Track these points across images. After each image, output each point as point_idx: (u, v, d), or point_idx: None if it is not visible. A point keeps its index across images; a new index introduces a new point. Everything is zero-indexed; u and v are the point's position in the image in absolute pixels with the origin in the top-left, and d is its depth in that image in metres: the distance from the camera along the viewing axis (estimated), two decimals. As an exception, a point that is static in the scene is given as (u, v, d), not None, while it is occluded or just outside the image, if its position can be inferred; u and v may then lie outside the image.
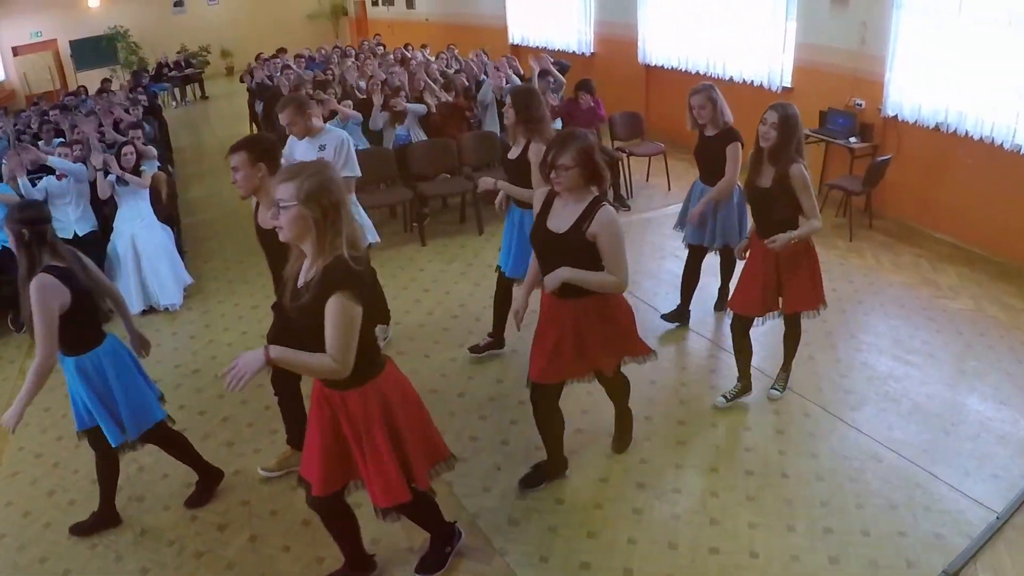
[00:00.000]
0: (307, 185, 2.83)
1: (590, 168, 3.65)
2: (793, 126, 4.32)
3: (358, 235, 2.98)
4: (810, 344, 5.63)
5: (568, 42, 13.67)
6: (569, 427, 4.40)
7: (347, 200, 2.96)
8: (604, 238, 3.65)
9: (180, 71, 20.81)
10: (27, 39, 23.33)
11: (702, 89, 5.52)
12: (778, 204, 4.42)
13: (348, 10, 25.92)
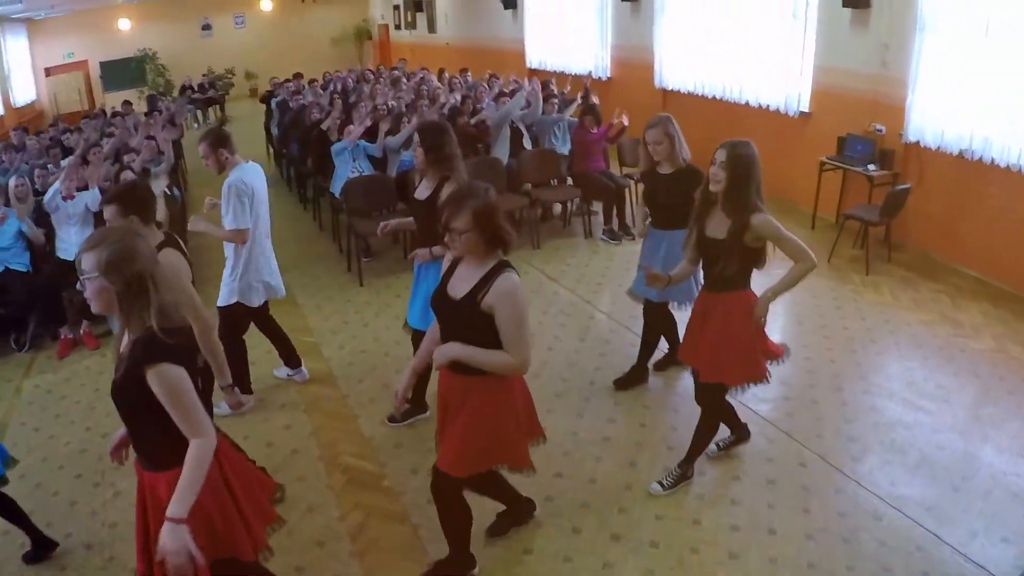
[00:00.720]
0: (106, 255, 2.60)
1: (489, 231, 3.14)
2: (746, 166, 3.76)
3: (170, 305, 2.68)
4: (815, 386, 5.26)
5: (585, 66, 13.41)
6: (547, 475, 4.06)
7: (155, 268, 2.69)
8: (501, 310, 3.12)
9: (203, 93, 20.85)
10: (60, 60, 23.73)
11: (658, 122, 4.94)
12: (732, 259, 3.87)
13: (372, 34, 25.94)
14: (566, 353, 6.10)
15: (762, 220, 3.78)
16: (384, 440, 5.12)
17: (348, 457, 4.99)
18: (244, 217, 5.18)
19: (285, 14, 25.93)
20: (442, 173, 4.62)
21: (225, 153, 5.24)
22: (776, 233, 3.80)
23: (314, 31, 25.58)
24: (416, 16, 21.65)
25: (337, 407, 5.63)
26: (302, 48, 24.70)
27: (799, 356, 5.71)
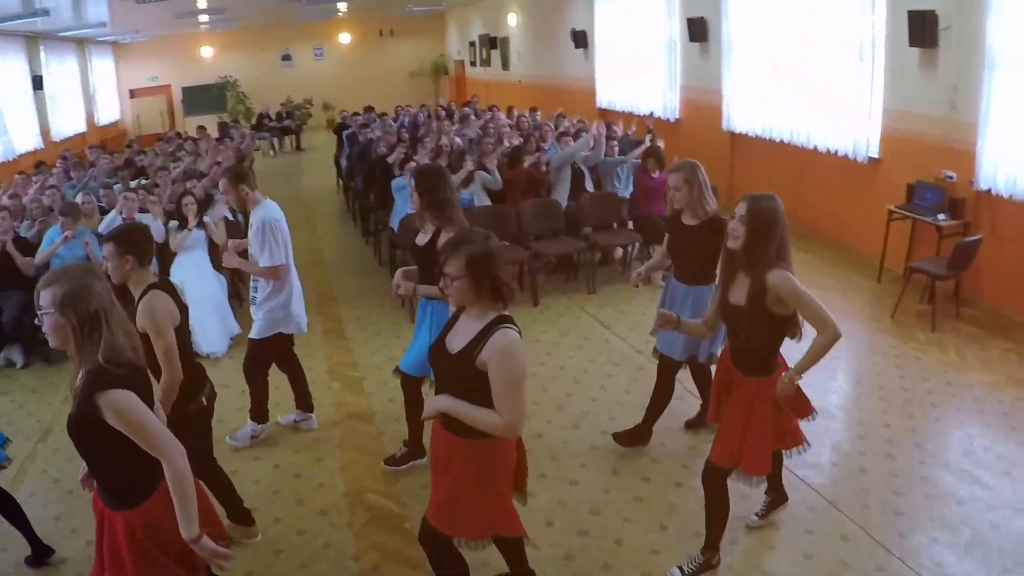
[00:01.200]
0: (62, 292, 2.64)
1: (483, 281, 3.00)
2: (768, 222, 3.45)
3: (120, 343, 2.69)
4: (864, 453, 4.97)
5: (653, 107, 13.25)
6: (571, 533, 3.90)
7: (110, 307, 2.71)
8: (494, 368, 2.95)
9: (279, 122, 21.31)
10: (144, 83, 24.70)
11: (681, 167, 4.71)
12: (757, 331, 3.56)
13: (449, 69, 26.25)
14: (609, 406, 5.91)
15: (779, 276, 3.43)
16: (412, 482, 5.02)
17: (373, 495, 4.93)
18: (279, 253, 5.21)
19: (363, 47, 26.47)
20: (437, 219, 4.56)
21: (245, 189, 5.26)
22: (794, 291, 3.44)
23: (392, 65, 26.02)
24: (490, 53, 21.82)
25: (371, 444, 5.57)
26: (379, 81, 25.14)
27: (851, 419, 5.46)
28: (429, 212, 4.57)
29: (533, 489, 4.75)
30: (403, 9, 22.69)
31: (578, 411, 5.86)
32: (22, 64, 17.34)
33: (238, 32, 24.36)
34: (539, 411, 5.89)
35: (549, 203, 8.86)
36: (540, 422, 5.71)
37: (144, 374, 2.83)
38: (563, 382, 6.39)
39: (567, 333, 7.45)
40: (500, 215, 8.57)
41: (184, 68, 25.21)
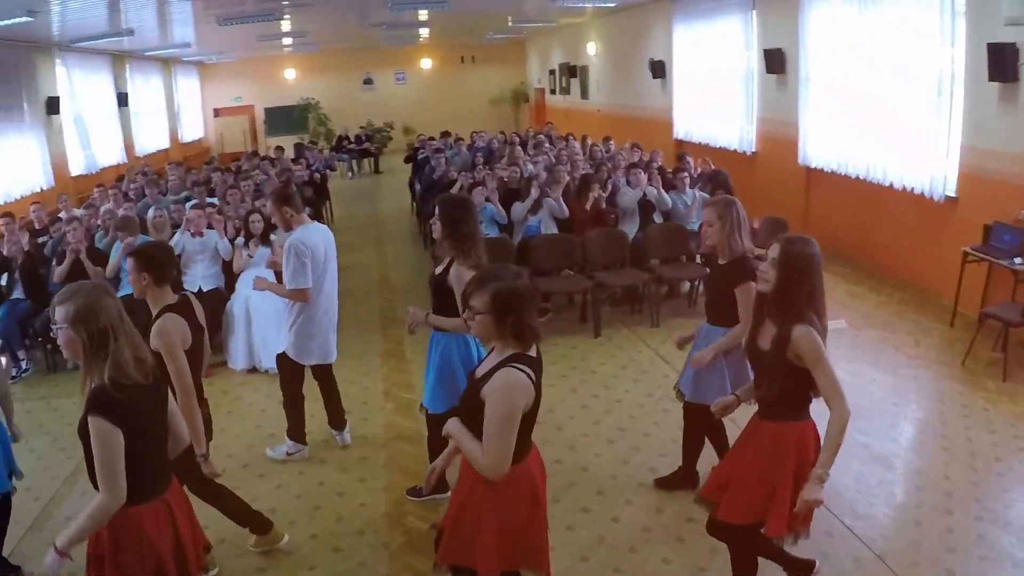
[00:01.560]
0: (74, 309, 2.83)
1: (506, 319, 2.95)
2: (801, 268, 3.28)
3: (126, 359, 2.87)
4: (921, 506, 4.78)
5: (730, 139, 13.10)
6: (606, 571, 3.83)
7: (118, 323, 2.88)
8: (487, 406, 2.91)
9: (359, 144, 21.71)
10: (228, 103, 25.53)
11: (716, 202, 4.52)
12: (779, 379, 3.37)
13: (529, 97, 26.41)
14: (662, 442, 5.82)
15: (803, 333, 3.24)
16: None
17: (413, 518, 4.97)
18: (303, 277, 5.28)
19: (445, 73, 26.84)
20: (453, 250, 4.53)
21: (289, 211, 5.39)
22: (814, 355, 3.23)
23: (472, 91, 26.32)
24: (570, 82, 21.87)
25: (417, 467, 5.59)
26: (460, 106, 25.45)
27: (910, 469, 5.27)
28: (448, 242, 4.55)
29: (574, 523, 4.75)
30: (484, 36, 22.94)
31: (629, 446, 5.80)
32: (108, 81, 18.01)
33: (321, 55, 24.95)
34: (589, 444, 5.85)
35: (616, 233, 8.81)
36: (589, 455, 5.68)
37: (149, 390, 2.98)
38: (617, 416, 6.33)
39: (626, 366, 7.38)
40: (565, 243, 8.60)
41: (267, 89, 25.98)
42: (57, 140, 15.03)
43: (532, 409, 2.98)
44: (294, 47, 22.49)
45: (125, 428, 2.82)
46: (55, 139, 14.91)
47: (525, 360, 2.98)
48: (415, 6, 13.79)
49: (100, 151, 16.99)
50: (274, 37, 17.98)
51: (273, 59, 25.30)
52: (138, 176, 12.56)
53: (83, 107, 16.28)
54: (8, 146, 13.10)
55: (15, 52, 13.37)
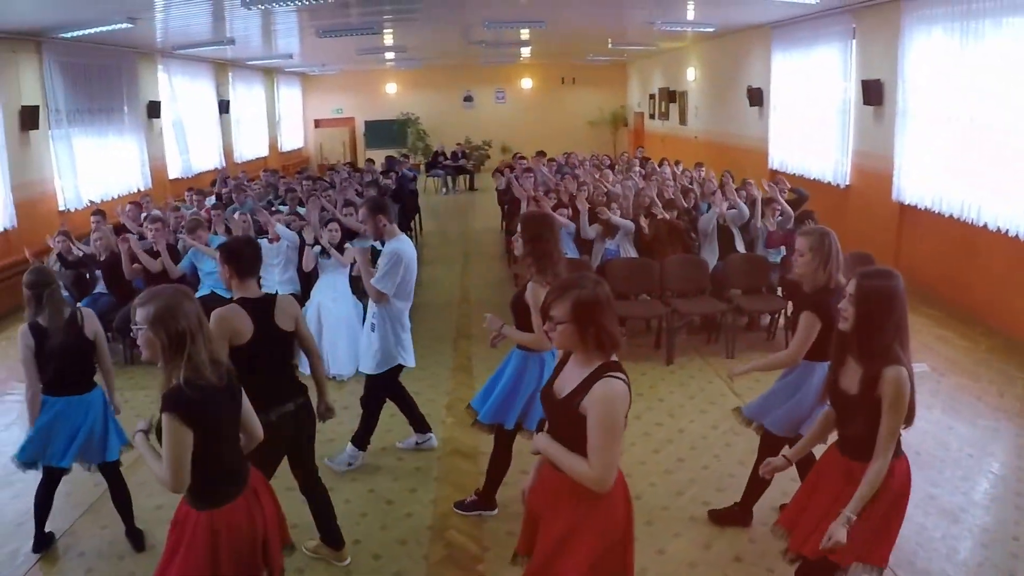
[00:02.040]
0: (154, 310, 2.95)
1: (588, 327, 2.94)
2: (881, 304, 3.16)
3: (202, 362, 2.99)
4: (982, 564, 4.55)
5: (824, 171, 12.79)
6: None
7: (197, 328, 3.00)
8: (591, 417, 2.87)
9: (455, 161, 21.99)
10: (329, 114, 26.30)
11: (812, 232, 4.43)
12: (871, 421, 3.23)
13: (628, 120, 26.33)
14: (719, 476, 5.70)
15: (894, 375, 3.12)
16: (498, 524, 5.06)
17: (456, 533, 5.00)
18: (389, 282, 5.43)
19: (545, 93, 26.98)
20: (532, 267, 4.53)
21: (383, 220, 5.51)
22: (894, 398, 3.13)
23: (572, 112, 26.37)
24: (669, 107, 21.71)
25: (467, 481, 5.64)
26: (559, 127, 25.52)
27: (977, 525, 5.00)
28: (528, 259, 4.56)
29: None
30: (585, 57, 23.00)
31: (686, 478, 5.68)
32: (210, 88, 18.70)
33: (422, 71, 25.41)
34: (645, 472, 5.77)
35: (695, 260, 8.71)
36: (643, 484, 5.58)
37: (224, 392, 3.10)
38: (678, 446, 6.23)
39: (694, 396, 7.26)
40: (643, 268, 8.53)
41: (368, 102, 26.60)
42: (156, 143, 15.73)
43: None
44: (396, 62, 22.94)
45: (198, 429, 2.95)
46: (154, 142, 15.60)
47: (618, 368, 2.98)
48: (512, 25, 13.93)
49: (198, 156, 17.66)
50: (375, 51, 18.34)
51: (375, 73, 25.87)
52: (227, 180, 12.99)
53: (183, 112, 16.94)
54: (108, 147, 13.75)
55: (118, 56, 14.01)
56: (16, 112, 11.27)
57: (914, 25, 9.95)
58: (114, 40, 13.06)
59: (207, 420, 2.98)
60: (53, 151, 12.29)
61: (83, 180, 12.90)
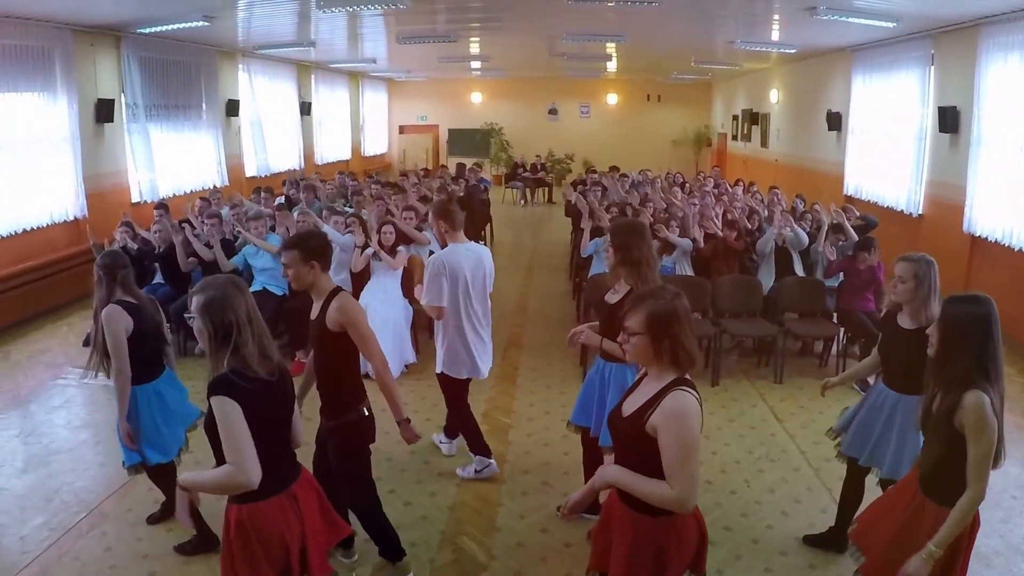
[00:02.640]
0: (204, 300, 3.00)
1: (663, 340, 2.86)
2: (964, 330, 3.10)
3: (250, 354, 3.00)
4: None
5: (898, 199, 12.51)
6: None
7: (245, 321, 3.03)
8: (664, 435, 2.79)
9: (534, 173, 22.12)
10: (414, 121, 26.84)
11: (915, 259, 4.17)
12: (935, 448, 3.24)
13: (712, 141, 26.08)
14: (745, 502, 5.65)
15: (973, 401, 3.03)
16: (509, 535, 5.11)
17: (467, 539, 5.06)
18: (436, 295, 5.35)
19: (630, 109, 26.92)
20: (632, 277, 4.45)
21: (444, 225, 5.50)
22: (977, 424, 3.03)
23: (656, 130, 26.25)
24: (751, 128, 21.45)
25: (488, 490, 5.70)
26: (642, 144, 25.41)
27: (1010, 570, 4.84)
28: (624, 269, 4.48)
29: None
30: (670, 75, 22.89)
31: (711, 501, 5.60)
32: (291, 89, 19.00)
33: (508, 82, 25.62)
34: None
35: (748, 281, 8.63)
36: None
37: (274, 388, 3.10)
38: (709, 468, 6.15)
39: (735, 419, 7.19)
40: (696, 286, 8.41)
41: (453, 111, 26.93)
42: (234, 141, 16.05)
43: None
44: (482, 71, 23.16)
45: (244, 410, 2.93)
46: (232, 140, 15.93)
47: (690, 384, 2.91)
48: (592, 38, 13.98)
49: (277, 156, 17.92)
50: (457, 60, 18.50)
51: (461, 81, 26.18)
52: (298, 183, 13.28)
53: (262, 112, 17.22)
54: (184, 142, 14.08)
55: (198, 54, 14.31)
56: (92, 104, 11.52)
57: (991, 51, 9.69)
58: (194, 37, 13.38)
59: (252, 409, 2.95)
60: (128, 144, 12.58)
61: (158, 174, 13.21)
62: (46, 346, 9.12)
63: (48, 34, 10.38)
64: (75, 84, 10.96)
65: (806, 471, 6.16)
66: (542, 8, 11.18)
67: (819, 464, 6.23)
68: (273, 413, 3.12)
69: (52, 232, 10.87)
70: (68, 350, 8.90)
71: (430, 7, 11.40)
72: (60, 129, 10.84)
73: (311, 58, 18.51)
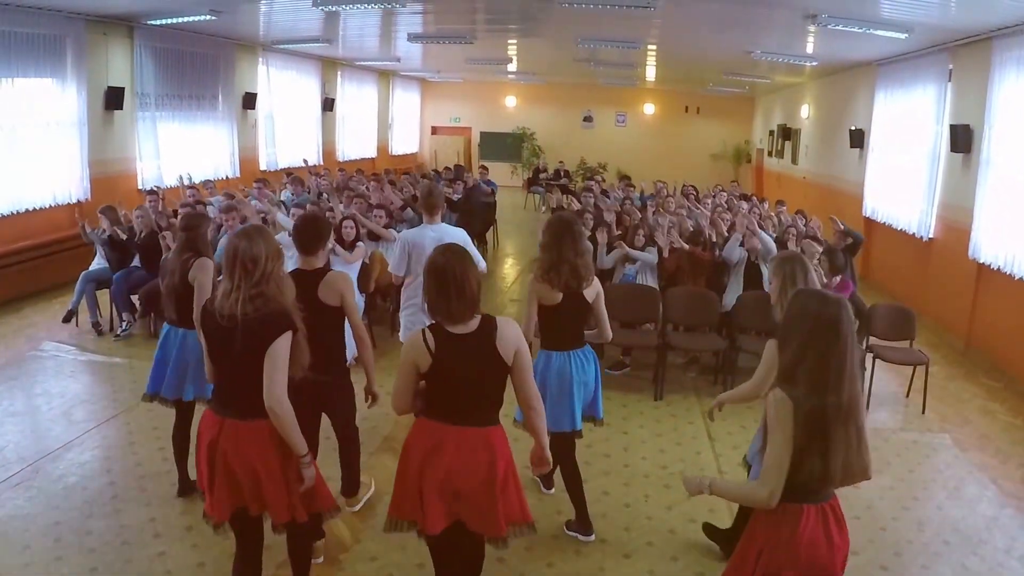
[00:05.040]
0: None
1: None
2: (793, 326, 2.99)
3: (221, 296, 3.45)
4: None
5: (910, 222, 11.76)
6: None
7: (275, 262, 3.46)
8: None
9: (556, 179, 21.77)
10: (446, 122, 26.68)
11: (777, 257, 4.50)
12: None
13: (751, 156, 25.29)
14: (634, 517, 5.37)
15: (771, 399, 2.96)
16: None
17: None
18: (395, 265, 6.05)
19: (667, 120, 26.26)
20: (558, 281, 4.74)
21: (421, 210, 6.42)
22: (770, 425, 2.97)
23: (694, 143, 25.53)
24: (784, 144, 20.65)
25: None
26: (679, 157, 24.72)
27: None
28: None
29: None
30: (707, 87, 22.19)
31: (598, 511, 5.30)
32: (314, 85, 18.86)
33: (543, 87, 25.23)
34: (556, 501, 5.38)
35: (701, 293, 8.18)
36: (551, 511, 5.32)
37: (225, 327, 3.40)
38: (610, 480, 5.87)
39: (662, 434, 6.79)
40: (642, 295, 8.15)
41: (486, 113, 26.66)
42: (249, 134, 16.02)
43: None
44: (516, 75, 22.82)
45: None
46: (247, 133, 15.89)
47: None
48: (607, 44, 13.51)
49: (292, 151, 17.75)
50: (484, 62, 18.19)
51: (495, 84, 25.87)
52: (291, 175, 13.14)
53: (279, 106, 17.15)
54: (196, 133, 14.09)
55: (215, 46, 14.32)
56: (102, 92, 11.67)
57: (1005, 65, 8.95)
58: (210, 30, 13.37)
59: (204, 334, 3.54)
60: (137, 132, 12.66)
61: (165, 163, 13.22)
62: (33, 321, 9.40)
63: (61, 23, 10.65)
64: (85, 71, 11.17)
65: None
66: (547, 10, 10.91)
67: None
68: (216, 342, 3.50)
69: (54, 213, 11.10)
70: (51, 325, 9.18)
71: (440, 7, 11.39)
72: (69, 115, 11.10)
73: (337, 55, 18.43)
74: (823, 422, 2.84)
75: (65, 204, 11.18)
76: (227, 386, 3.50)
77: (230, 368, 3.44)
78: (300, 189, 11.31)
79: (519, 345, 3.41)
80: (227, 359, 3.41)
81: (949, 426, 7.31)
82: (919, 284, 11.34)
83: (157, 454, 5.91)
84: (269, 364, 3.32)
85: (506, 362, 3.36)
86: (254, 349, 3.32)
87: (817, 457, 2.86)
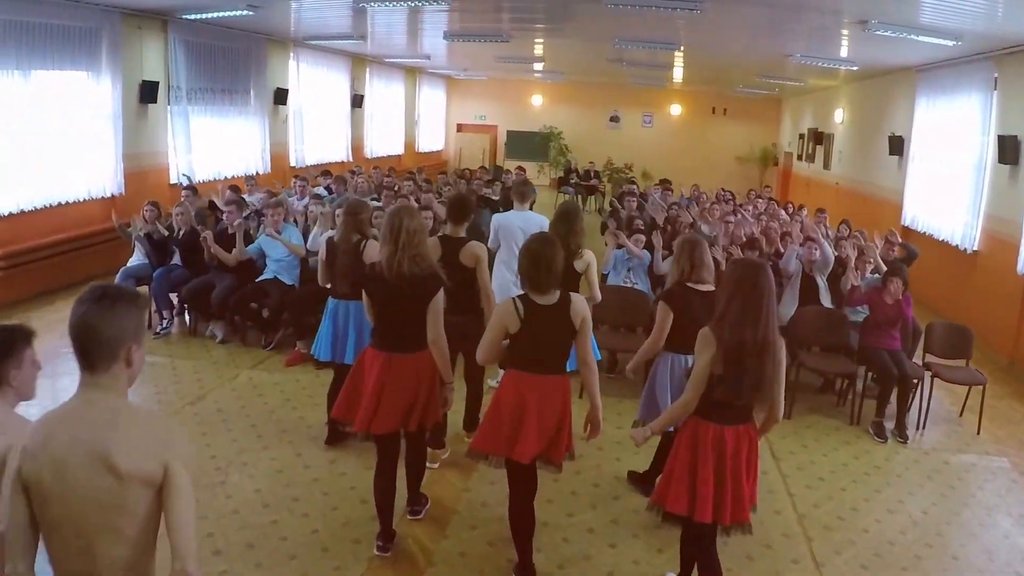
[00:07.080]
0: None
1: None
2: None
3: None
4: None
5: (953, 233, 11.57)
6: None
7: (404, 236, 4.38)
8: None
9: (586, 180, 21.64)
10: (472, 120, 26.57)
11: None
12: None
13: (779, 160, 25.06)
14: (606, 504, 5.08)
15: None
16: (451, 545, 5.01)
17: (411, 542, 4.97)
18: (492, 240, 7.40)
19: (694, 122, 26.10)
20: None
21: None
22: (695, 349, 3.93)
23: (720, 144, 25.37)
24: (815, 149, 20.36)
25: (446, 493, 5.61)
26: (705, 159, 24.64)
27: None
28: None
29: None
30: (735, 88, 21.96)
31: (587, 503, 5.56)
32: (343, 81, 18.82)
33: (570, 86, 25.12)
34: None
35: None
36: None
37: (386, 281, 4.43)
38: (601, 473, 6.00)
39: (622, 426, 6.67)
40: (636, 300, 8.25)
41: (512, 112, 26.56)
42: (280, 130, 15.94)
43: None
44: (543, 74, 22.70)
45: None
46: (278, 129, 15.82)
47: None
48: (644, 45, 13.36)
49: (321, 147, 17.72)
50: (515, 60, 18.09)
51: (521, 83, 25.77)
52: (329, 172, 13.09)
53: (309, 102, 17.09)
54: (228, 127, 14.05)
55: (247, 41, 14.29)
56: (136, 85, 11.63)
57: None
58: (243, 25, 13.31)
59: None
60: (170, 126, 12.63)
61: (198, 157, 13.19)
62: (66, 315, 9.01)
63: (97, 16, 10.60)
64: (120, 65, 11.11)
65: (788, 515, 5.64)
66: (589, 10, 10.77)
67: (806, 510, 5.74)
68: (377, 296, 4.55)
69: (89, 207, 11.05)
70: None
71: (479, 5, 11.27)
72: (103, 108, 11.02)
73: (366, 51, 18.37)
74: (739, 353, 3.70)
75: (99, 198, 11.17)
76: (395, 328, 4.47)
77: (397, 314, 4.44)
78: (342, 188, 11.21)
79: (585, 315, 4.21)
80: (394, 307, 4.43)
81: (1006, 448, 7.17)
82: (960, 297, 11.16)
83: (209, 463, 5.79)
84: (432, 312, 4.40)
85: (575, 328, 4.16)
86: (419, 299, 4.35)
87: (732, 380, 3.72)
